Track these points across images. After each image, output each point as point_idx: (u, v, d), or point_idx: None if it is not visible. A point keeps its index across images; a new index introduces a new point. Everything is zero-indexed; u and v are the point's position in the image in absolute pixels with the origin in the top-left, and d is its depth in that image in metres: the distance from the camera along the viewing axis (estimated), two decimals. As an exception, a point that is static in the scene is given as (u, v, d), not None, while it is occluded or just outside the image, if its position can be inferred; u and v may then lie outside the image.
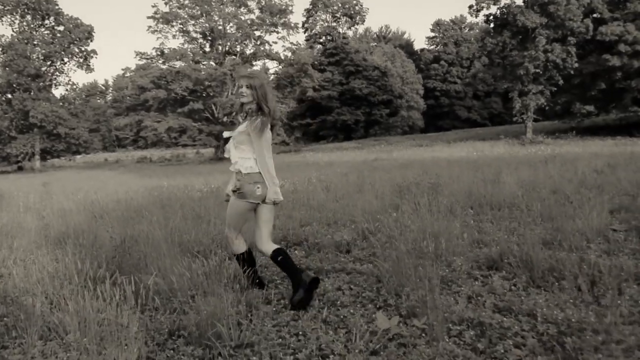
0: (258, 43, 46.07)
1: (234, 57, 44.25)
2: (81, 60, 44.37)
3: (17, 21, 41.97)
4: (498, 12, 36.42)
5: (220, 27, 44.05)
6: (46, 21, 42.72)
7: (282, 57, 47.46)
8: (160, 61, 43.75)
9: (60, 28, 43.11)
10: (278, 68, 49.27)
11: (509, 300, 3.41)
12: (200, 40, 45.33)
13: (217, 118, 43.45)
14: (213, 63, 44.20)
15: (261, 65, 47.94)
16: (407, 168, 14.86)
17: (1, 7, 40.85)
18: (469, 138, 39.72)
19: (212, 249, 5.20)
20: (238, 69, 37.65)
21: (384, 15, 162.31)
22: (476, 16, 37.88)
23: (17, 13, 41.47)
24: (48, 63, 42.91)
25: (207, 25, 43.63)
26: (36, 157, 42.12)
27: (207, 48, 45.62)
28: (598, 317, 2.94)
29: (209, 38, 44.90)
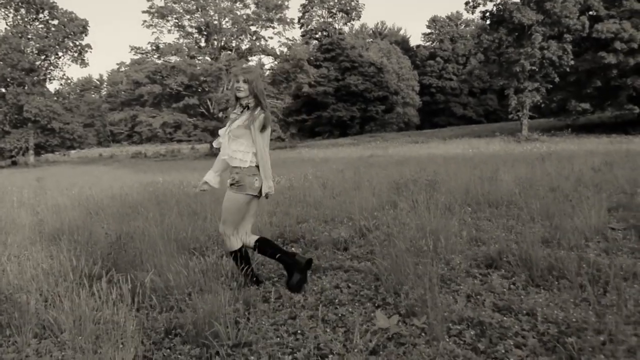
0: (254, 38, 45.99)
1: (230, 53, 44.22)
2: (76, 54, 44.03)
3: (11, 15, 41.59)
4: (494, 9, 36.48)
5: (215, 22, 43.91)
6: (40, 15, 42.34)
7: (278, 53, 47.45)
8: (155, 56, 43.64)
9: (54, 22, 42.75)
10: (274, 63, 49.32)
11: (509, 299, 3.38)
12: (195, 35, 45.23)
13: (213, 113, 43.39)
14: (208, 58, 44.12)
15: (257, 60, 47.89)
16: (403, 165, 14.84)
17: (-5, 1, 40.54)
18: (465, 135, 39.77)
19: (209, 246, 5.17)
20: (235, 65, 37.54)
21: (380, 11, 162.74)
22: (472, 13, 38.00)
23: (11, 6, 41.09)
24: (42, 57, 42.56)
25: (203, 20, 43.51)
26: (30, 152, 41.83)
27: (203, 43, 45.52)
28: (599, 317, 2.92)
29: (205, 33, 44.77)
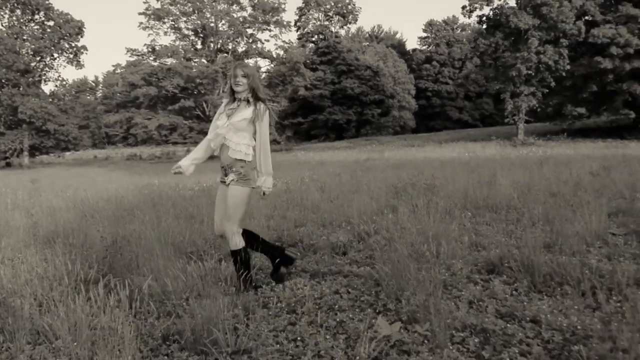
0: (250, 41, 45.91)
1: (226, 55, 44.12)
2: (71, 56, 43.83)
3: (7, 15, 41.39)
4: (491, 13, 36.55)
5: (212, 25, 43.85)
6: (36, 16, 42.15)
7: (274, 56, 47.36)
8: (151, 58, 43.51)
9: (50, 23, 42.57)
10: (270, 66, 49.16)
11: (511, 305, 3.33)
12: (191, 37, 45.11)
13: (208, 116, 43.22)
14: (204, 60, 44.04)
15: (253, 63, 47.76)
16: (400, 168, 14.81)
17: (-10, 2, 40.35)
18: (461, 139, 39.77)
19: (206, 250, 5.11)
20: (232, 65, 37.49)
21: (377, 15, 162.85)
22: (469, 17, 38.03)
23: (7, 7, 40.93)
24: (37, 58, 42.36)
25: (199, 22, 43.43)
26: (25, 154, 41.59)
27: (199, 45, 45.45)
28: (604, 324, 2.88)
29: (201, 35, 44.68)
